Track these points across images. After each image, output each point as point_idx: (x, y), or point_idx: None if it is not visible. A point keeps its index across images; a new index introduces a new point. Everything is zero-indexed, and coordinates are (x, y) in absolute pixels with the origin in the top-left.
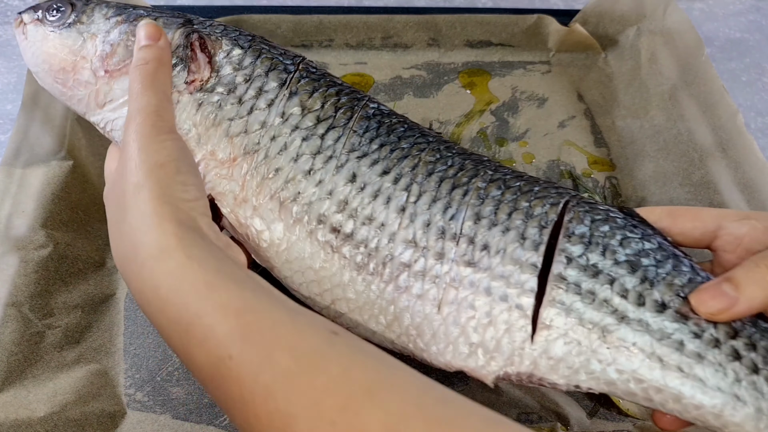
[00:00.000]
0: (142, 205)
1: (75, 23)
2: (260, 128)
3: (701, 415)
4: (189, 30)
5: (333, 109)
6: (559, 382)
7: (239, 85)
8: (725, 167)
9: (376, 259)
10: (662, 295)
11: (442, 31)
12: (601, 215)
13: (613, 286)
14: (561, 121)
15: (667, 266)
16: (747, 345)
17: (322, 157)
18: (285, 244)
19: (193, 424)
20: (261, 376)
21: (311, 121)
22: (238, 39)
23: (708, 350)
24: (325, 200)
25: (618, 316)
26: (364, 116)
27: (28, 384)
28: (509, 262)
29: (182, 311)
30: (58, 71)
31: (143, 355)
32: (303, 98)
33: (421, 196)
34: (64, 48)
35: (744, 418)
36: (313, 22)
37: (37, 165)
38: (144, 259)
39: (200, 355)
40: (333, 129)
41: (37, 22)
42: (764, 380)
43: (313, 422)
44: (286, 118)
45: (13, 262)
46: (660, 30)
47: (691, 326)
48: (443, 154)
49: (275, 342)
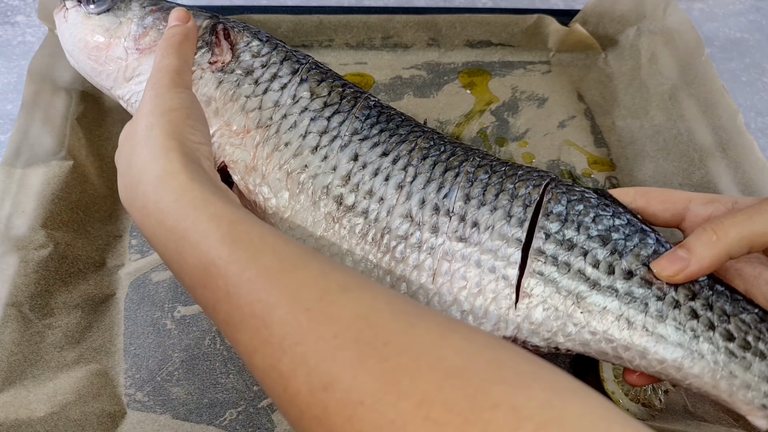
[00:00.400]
0: (153, 140)
1: (113, 9)
2: (273, 106)
3: (664, 369)
4: (216, 20)
5: (338, 97)
6: (540, 344)
7: (256, 69)
8: (725, 167)
9: (374, 229)
10: (629, 264)
11: (442, 31)
12: (577, 195)
13: (586, 258)
14: (561, 121)
15: (634, 240)
16: (704, 305)
17: (328, 136)
18: (289, 211)
19: (193, 424)
20: (246, 272)
21: (319, 105)
22: (258, 34)
23: (669, 311)
24: (330, 174)
25: (590, 284)
26: (365, 106)
27: (28, 384)
28: (497, 237)
29: (180, 220)
30: (92, 48)
31: (143, 355)
32: (312, 85)
33: (416, 177)
34: (102, 28)
35: (702, 370)
36: (313, 22)
37: (37, 165)
38: (149, 181)
39: (192, 258)
40: (338, 113)
41: (79, 7)
42: (719, 335)
43: (290, 309)
44: (297, 100)
45: (13, 262)
46: (660, 30)
47: (654, 290)
48: (436, 142)
49: (262, 246)
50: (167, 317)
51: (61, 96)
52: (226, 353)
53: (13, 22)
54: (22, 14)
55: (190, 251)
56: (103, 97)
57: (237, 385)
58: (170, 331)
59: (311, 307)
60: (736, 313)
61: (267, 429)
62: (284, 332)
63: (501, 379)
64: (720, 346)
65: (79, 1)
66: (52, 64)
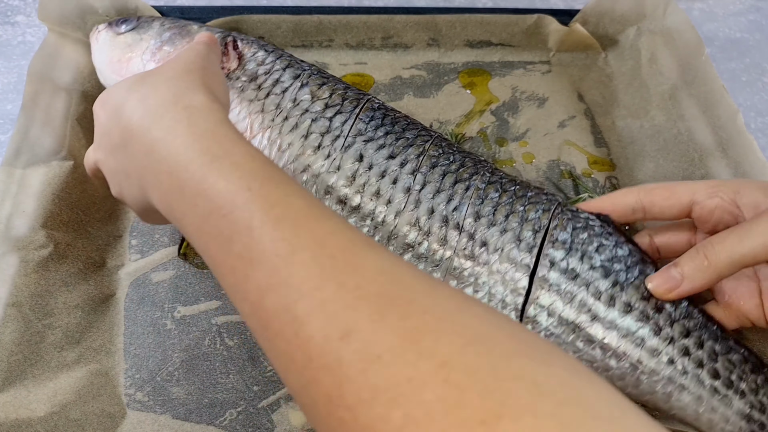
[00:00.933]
0: (185, 77)
1: (137, 29)
2: (275, 109)
3: (653, 398)
4: (227, 34)
5: (340, 99)
6: None
7: (260, 76)
8: (725, 167)
9: (381, 232)
10: (629, 297)
11: (442, 31)
12: (581, 223)
13: (589, 289)
14: (561, 121)
15: (635, 271)
16: (696, 344)
17: (330, 136)
18: None
19: (193, 424)
20: (275, 209)
21: (320, 106)
22: (265, 46)
23: (663, 346)
24: (333, 174)
25: (591, 315)
26: (369, 108)
27: (28, 384)
28: (506, 260)
29: (216, 148)
30: (115, 63)
31: (143, 355)
32: (313, 89)
33: (426, 185)
34: (125, 44)
35: (687, 403)
36: (313, 22)
37: (37, 165)
38: (185, 106)
39: (221, 183)
40: (340, 114)
41: (109, 29)
42: (707, 373)
43: (314, 254)
44: (298, 103)
45: (13, 262)
46: (660, 30)
47: (651, 325)
48: (445, 150)
49: (292, 190)
50: (167, 317)
51: (61, 96)
52: (226, 353)
53: (13, 22)
54: (22, 14)
55: (219, 176)
56: None
57: (237, 385)
58: (170, 331)
59: (336, 255)
60: (724, 353)
61: (267, 429)
62: (305, 275)
63: (523, 352)
64: (706, 384)
65: (110, 23)
66: (52, 64)
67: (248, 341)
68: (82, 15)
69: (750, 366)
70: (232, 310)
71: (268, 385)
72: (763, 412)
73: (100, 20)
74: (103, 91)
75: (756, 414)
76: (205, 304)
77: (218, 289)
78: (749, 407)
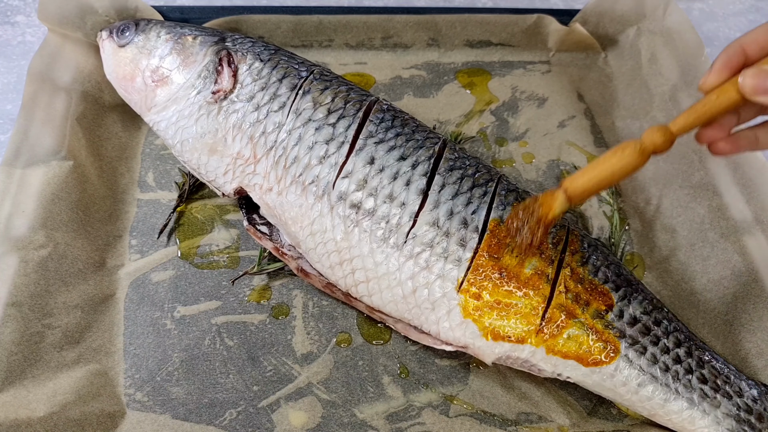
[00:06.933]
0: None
1: (135, 40)
2: (276, 127)
3: (651, 404)
4: (220, 47)
5: (342, 102)
6: (546, 369)
7: (257, 93)
8: (725, 167)
9: (396, 234)
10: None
11: (442, 31)
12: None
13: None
14: (561, 121)
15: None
16: (686, 353)
17: (335, 143)
18: (308, 219)
19: (193, 424)
20: None
21: (322, 113)
22: (261, 53)
23: (660, 355)
24: (344, 180)
25: (605, 323)
26: (379, 110)
27: (28, 384)
28: (530, 266)
29: None
30: (121, 79)
31: (143, 355)
32: (315, 95)
33: (444, 187)
34: (127, 60)
35: (681, 407)
36: (313, 22)
37: (37, 165)
38: None
39: None
40: (343, 118)
41: (110, 38)
42: (696, 379)
43: None
44: (299, 113)
45: (13, 262)
46: (660, 30)
47: (651, 337)
48: (460, 154)
49: None
50: (167, 317)
51: (61, 96)
52: (226, 353)
53: (13, 22)
54: (22, 14)
55: None
56: (103, 97)
57: (237, 385)
58: (170, 331)
59: None
60: (709, 360)
61: (267, 429)
62: None
63: None
64: (695, 387)
65: (110, 31)
66: (52, 64)
67: (248, 341)
68: (82, 15)
69: (732, 372)
70: (231, 310)
71: (268, 385)
72: (750, 413)
73: (100, 20)
74: (104, 91)
75: (743, 414)
76: (205, 304)
77: (218, 289)
78: (736, 408)
